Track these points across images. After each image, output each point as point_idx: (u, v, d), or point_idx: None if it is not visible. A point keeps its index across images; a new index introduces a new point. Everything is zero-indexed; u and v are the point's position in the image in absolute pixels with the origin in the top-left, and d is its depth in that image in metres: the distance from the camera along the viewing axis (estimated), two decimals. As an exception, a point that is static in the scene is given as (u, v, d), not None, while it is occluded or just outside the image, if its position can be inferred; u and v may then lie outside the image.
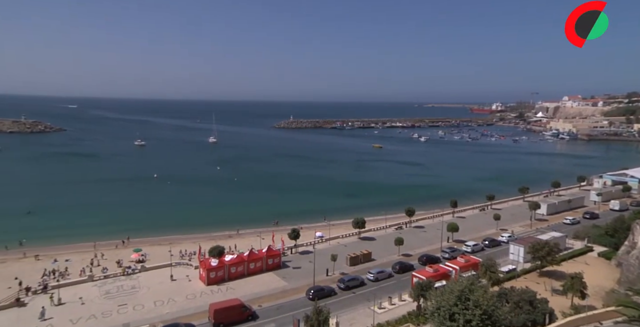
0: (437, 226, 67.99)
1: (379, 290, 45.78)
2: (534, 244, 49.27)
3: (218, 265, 48.96)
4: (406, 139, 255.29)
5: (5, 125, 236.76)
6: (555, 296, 42.47)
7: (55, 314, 40.48)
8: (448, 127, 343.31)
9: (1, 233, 65.21)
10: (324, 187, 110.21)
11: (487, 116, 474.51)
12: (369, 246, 60.14)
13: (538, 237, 55.97)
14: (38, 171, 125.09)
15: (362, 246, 60.42)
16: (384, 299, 43.08)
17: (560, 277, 46.63)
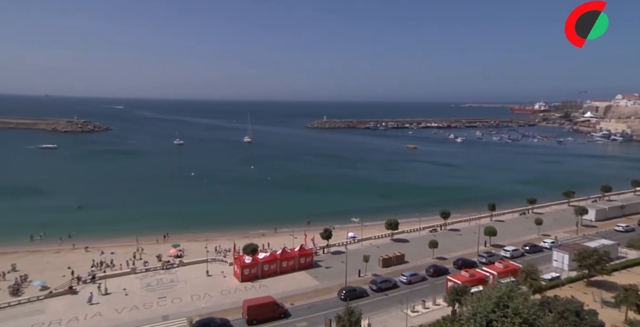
0: (473, 229, 65.69)
1: (412, 293, 44.87)
2: (580, 252, 46.38)
3: (252, 262, 49.89)
4: (442, 139, 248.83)
5: (60, 125, 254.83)
6: (605, 308, 39.78)
7: (102, 303, 42.88)
8: (486, 128, 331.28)
9: (56, 226, 69.84)
10: (357, 188, 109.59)
11: (528, 116, 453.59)
12: (402, 248, 59.11)
13: (585, 245, 52.70)
14: (87, 167, 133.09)
15: (395, 248, 59.49)
16: (418, 303, 42.17)
17: (612, 288, 43.62)
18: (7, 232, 67.29)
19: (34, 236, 65.91)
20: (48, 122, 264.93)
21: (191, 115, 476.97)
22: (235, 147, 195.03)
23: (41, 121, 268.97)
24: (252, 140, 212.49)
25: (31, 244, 63.77)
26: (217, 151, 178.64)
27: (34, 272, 51.91)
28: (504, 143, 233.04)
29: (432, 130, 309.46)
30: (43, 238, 65.66)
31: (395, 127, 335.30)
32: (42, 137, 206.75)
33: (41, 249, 61.92)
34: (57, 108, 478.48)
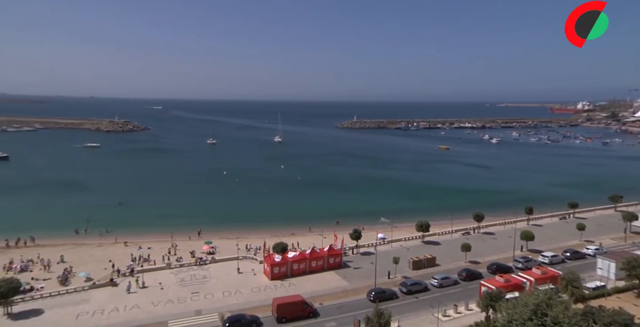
0: (508, 233, 63.31)
1: (444, 297, 43.84)
2: (629, 260, 43.53)
3: (281, 261, 50.50)
4: (476, 140, 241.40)
5: (103, 125, 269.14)
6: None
7: (139, 296, 44.84)
8: (524, 128, 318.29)
9: (99, 221, 73.66)
10: (387, 188, 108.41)
11: (570, 116, 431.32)
12: (433, 251, 57.89)
13: (635, 253, 49.48)
14: (126, 165, 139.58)
15: (426, 250, 58.35)
16: (449, 307, 41.16)
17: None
18: (56, 225, 71.64)
19: (78, 230, 69.79)
20: (92, 122, 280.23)
21: (224, 115, 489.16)
22: (266, 146, 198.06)
23: (86, 121, 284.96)
24: (282, 140, 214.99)
25: (77, 237, 67.58)
26: (248, 150, 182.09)
27: (79, 264, 55.04)
28: (543, 144, 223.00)
29: (465, 131, 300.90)
30: (87, 232, 69.39)
31: (427, 127, 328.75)
32: (87, 136, 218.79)
33: (85, 242, 65.56)
34: (101, 109, 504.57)
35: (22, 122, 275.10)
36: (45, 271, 52.45)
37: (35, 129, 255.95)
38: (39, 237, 65.27)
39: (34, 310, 41.52)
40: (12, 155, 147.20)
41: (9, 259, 55.96)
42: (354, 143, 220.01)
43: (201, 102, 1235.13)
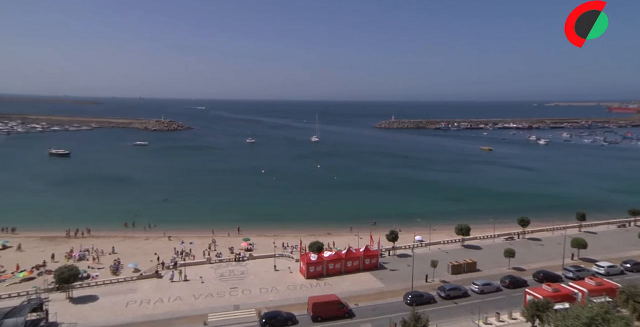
0: (557, 240, 59.70)
1: (485, 304, 42.13)
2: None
3: (317, 260, 50.79)
4: (521, 141, 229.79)
5: (150, 124, 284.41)
6: None
7: (182, 288, 46.85)
8: (576, 129, 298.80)
9: (146, 215, 77.80)
10: (425, 190, 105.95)
11: (632, 116, 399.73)
12: (474, 256, 55.80)
13: None
14: (171, 162, 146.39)
15: (466, 255, 56.36)
16: (491, 315, 39.48)
17: None
18: (109, 218, 76.59)
19: (128, 223, 74.11)
20: (141, 122, 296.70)
21: (263, 115, 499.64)
22: (303, 146, 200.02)
23: (135, 121, 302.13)
24: (319, 140, 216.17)
25: (126, 231, 71.81)
26: (286, 150, 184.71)
27: (128, 255, 58.51)
28: (599, 146, 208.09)
29: (510, 132, 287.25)
30: (135, 226, 73.47)
31: (469, 128, 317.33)
32: (136, 135, 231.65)
33: (134, 235, 69.50)
34: (149, 109, 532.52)
35: (81, 122, 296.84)
36: (96, 263, 56.08)
37: (92, 129, 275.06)
38: (94, 229, 70.06)
39: (90, 296, 44.67)
40: (73, 152, 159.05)
41: (70, 248, 60.60)
42: (391, 143, 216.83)
43: (241, 102, 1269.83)
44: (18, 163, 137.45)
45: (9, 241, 63.22)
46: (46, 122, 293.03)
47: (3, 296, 44.04)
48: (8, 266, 53.21)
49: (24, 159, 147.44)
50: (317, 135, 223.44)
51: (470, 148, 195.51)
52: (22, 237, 66.58)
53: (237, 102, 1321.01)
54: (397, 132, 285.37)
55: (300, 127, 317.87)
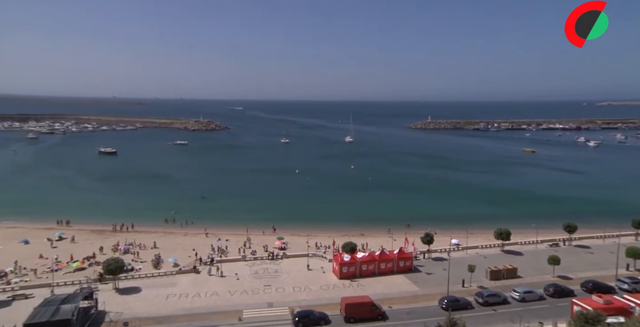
0: (609, 248, 56.06)
1: (526, 312, 40.31)
2: None
3: (350, 261, 50.68)
4: (568, 143, 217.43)
5: (190, 124, 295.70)
6: None
7: (218, 284, 48.32)
8: (632, 130, 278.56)
9: (184, 212, 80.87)
10: (463, 192, 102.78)
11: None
12: (514, 261, 53.51)
13: None
14: (209, 161, 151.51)
15: (506, 260, 54.16)
16: (533, 323, 37.70)
17: None
18: (150, 214, 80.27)
19: (168, 219, 77.37)
20: (181, 121, 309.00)
21: (297, 115, 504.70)
22: (337, 146, 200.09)
23: (176, 121, 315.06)
24: (353, 140, 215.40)
25: (166, 226, 75.00)
26: (320, 150, 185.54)
27: (168, 250, 61.12)
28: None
29: (555, 132, 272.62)
30: (174, 222, 76.52)
31: (510, 128, 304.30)
32: (177, 134, 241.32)
33: (173, 231, 72.48)
34: (188, 110, 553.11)
35: (127, 122, 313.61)
36: (136, 257, 58.91)
37: (136, 128, 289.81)
38: (137, 224, 73.77)
39: (134, 287, 47.13)
40: (119, 150, 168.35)
41: (116, 241, 64.22)
42: (427, 144, 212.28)
43: (277, 102, 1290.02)
44: (72, 160, 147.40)
45: (65, 233, 67.95)
46: (96, 122, 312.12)
47: (60, 283, 47.42)
48: (63, 256, 57.16)
49: (77, 156, 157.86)
50: (351, 135, 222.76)
51: (511, 149, 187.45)
52: (74, 229, 71.31)
53: (273, 102, 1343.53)
54: (433, 133, 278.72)
55: (334, 127, 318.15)
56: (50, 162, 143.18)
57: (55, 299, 39.19)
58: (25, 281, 49.37)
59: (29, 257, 57.00)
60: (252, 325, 38.92)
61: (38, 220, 75.84)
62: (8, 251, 59.78)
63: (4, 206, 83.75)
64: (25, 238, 65.27)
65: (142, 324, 38.37)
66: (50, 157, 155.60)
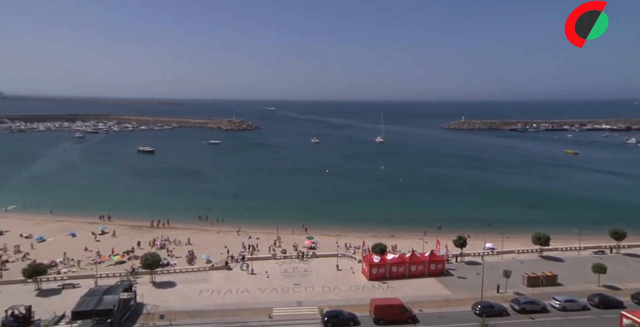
0: (661, 257, 52.17)
1: (568, 322, 38.37)
2: None
3: (380, 262, 50.16)
4: (616, 144, 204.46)
5: (223, 124, 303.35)
6: None
7: (249, 281, 49.22)
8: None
9: (217, 210, 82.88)
10: (498, 195, 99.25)
11: None
12: (554, 268, 51.00)
13: None
14: (241, 160, 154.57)
15: (545, 266, 51.72)
16: (573, 335, 35.81)
17: None
18: (184, 211, 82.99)
19: (201, 216, 79.66)
20: (215, 121, 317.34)
21: (328, 115, 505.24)
22: (367, 146, 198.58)
23: (210, 121, 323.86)
24: (384, 140, 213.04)
25: (199, 223, 77.26)
26: (350, 150, 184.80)
27: (201, 247, 62.94)
28: None
29: (601, 133, 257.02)
30: (207, 219, 78.60)
31: (550, 129, 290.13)
32: (210, 134, 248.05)
33: (206, 228, 74.55)
34: (222, 110, 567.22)
35: (164, 122, 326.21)
36: (170, 252, 61.03)
37: (173, 128, 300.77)
38: (172, 220, 76.50)
39: (169, 281, 48.95)
40: (157, 149, 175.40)
41: (154, 236, 66.95)
42: (461, 145, 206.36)
43: (308, 102, 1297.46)
44: (113, 158, 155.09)
45: (107, 228, 71.65)
46: (135, 121, 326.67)
47: (102, 275, 50.05)
48: (105, 249, 60.26)
49: (118, 154, 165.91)
50: (381, 135, 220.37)
51: (552, 151, 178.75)
52: (115, 224, 74.98)
53: (304, 102, 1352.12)
54: (467, 133, 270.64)
55: (364, 127, 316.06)
56: (94, 159, 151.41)
57: (98, 290, 41.43)
58: (72, 271, 52.63)
59: (76, 249, 60.55)
60: (282, 323, 39.35)
61: (83, 214, 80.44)
62: (58, 243, 63.86)
63: (56, 201, 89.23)
64: (73, 231, 69.47)
65: (176, 318, 39.75)
66: (94, 155, 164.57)
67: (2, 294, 44.91)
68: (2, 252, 59.13)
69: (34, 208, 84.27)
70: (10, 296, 43.89)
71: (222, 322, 39.07)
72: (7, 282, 48.10)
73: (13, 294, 44.76)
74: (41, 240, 65.10)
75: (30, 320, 38.57)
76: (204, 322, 39.12)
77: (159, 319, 39.35)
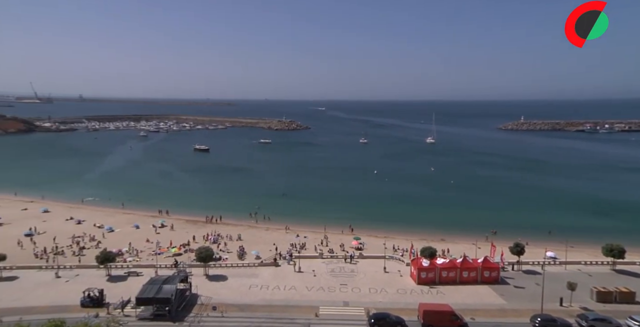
0: None
1: (643, 345, 34.49)
2: None
3: (429, 266, 48.58)
4: None
5: (273, 123, 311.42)
6: None
7: (296, 279, 49.94)
8: None
9: (267, 207, 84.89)
10: (561, 200, 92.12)
11: None
12: (630, 283, 46.14)
13: None
14: (290, 159, 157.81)
15: (618, 281, 46.98)
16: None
17: None
18: (236, 208, 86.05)
19: (251, 213, 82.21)
20: (265, 121, 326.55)
21: (377, 115, 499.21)
22: (417, 147, 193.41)
23: (261, 121, 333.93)
24: (435, 141, 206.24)
25: (249, 220, 79.77)
26: (399, 151, 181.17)
27: (251, 243, 65.02)
28: None
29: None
30: (256, 216, 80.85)
31: (626, 129, 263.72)
32: (261, 133, 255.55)
33: (256, 225, 76.84)
34: (272, 110, 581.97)
35: (218, 122, 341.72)
36: (223, 247, 63.48)
37: (226, 127, 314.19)
38: (225, 216, 79.75)
39: (221, 275, 51.06)
40: (211, 147, 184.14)
41: (207, 231, 70.32)
42: (519, 146, 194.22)
43: (358, 102, 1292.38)
44: (172, 156, 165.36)
45: (165, 221, 76.45)
46: (192, 121, 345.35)
47: (161, 265, 53.49)
48: (164, 241, 64.32)
49: (176, 152, 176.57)
50: (432, 136, 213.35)
51: (628, 154, 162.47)
52: (173, 218, 79.73)
53: (353, 102, 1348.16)
54: (527, 135, 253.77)
55: (415, 127, 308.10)
56: (155, 157, 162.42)
57: (158, 279, 44.26)
58: (136, 260, 56.80)
59: (139, 240, 65.33)
60: (328, 322, 39.44)
61: (145, 208, 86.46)
62: (124, 234, 69.31)
63: (123, 195, 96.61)
64: (137, 223, 75.02)
65: (227, 310, 41.36)
66: (155, 152, 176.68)
67: (80, 277, 49.75)
68: (80, 239, 65.35)
69: (105, 201, 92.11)
70: (87, 279, 48.54)
71: (270, 318, 39.99)
72: (84, 267, 53.26)
73: (88, 277, 49.41)
74: (110, 230, 70.99)
75: (103, 302, 42.23)
76: (252, 317, 40.26)
77: (211, 310, 41.19)
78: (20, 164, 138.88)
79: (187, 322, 39.49)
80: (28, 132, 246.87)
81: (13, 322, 29.23)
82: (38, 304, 42.49)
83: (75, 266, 53.36)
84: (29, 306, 41.77)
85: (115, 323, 29.57)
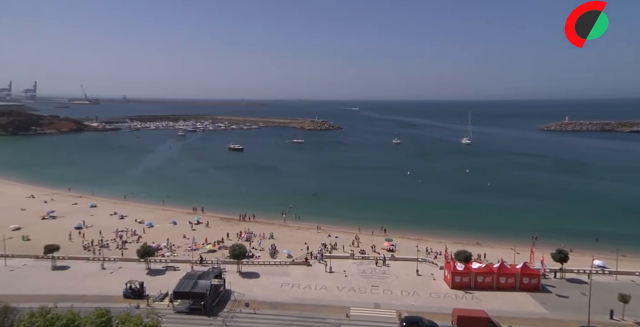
0: None
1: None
2: None
3: (464, 270, 47.22)
4: None
5: (305, 123, 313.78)
6: None
7: (327, 279, 50.06)
8: None
9: (299, 207, 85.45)
10: (610, 206, 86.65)
11: None
12: (688, 298, 42.59)
13: None
14: (322, 159, 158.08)
15: (675, 295, 43.48)
16: None
17: None
18: (269, 207, 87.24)
19: (284, 212, 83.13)
20: (298, 121, 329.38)
21: (410, 115, 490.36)
22: (451, 148, 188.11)
23: (293, 121, 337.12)
24: (471, 142, 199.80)
25: (281, 219, 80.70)
26: (432, 152, 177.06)
27: (283, 242, 65.74)
28: None
29: None
30: (286, 216, 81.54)
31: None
32: (294, 133, 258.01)
33: (288, 224, 77.62)
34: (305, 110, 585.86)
35: (252, 122, 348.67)
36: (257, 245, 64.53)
37: (259, 127, 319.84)
38: (257, 215, 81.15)
39: (254, 272, 52.10)
40: (245, 147, 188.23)
41: (240, 229, 71.93)
42: (564, 148, 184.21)
43: (390, 102, 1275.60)
44: (208, 155, 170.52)
45: (201, 218, 78.93)
46: (227, 121, 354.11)
47: (197, 260, 55.28)
48: (199, 238, 66.44)
49: (212, 151, 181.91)
50: (468, 136, 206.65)
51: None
52: (208, 216, 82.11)
53: (385, 102, 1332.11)
54: (573, 136, 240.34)
55: (450, 128, 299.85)
56: (192, 155, 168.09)
57: (194, 274, 45.82)
58: (174, 255, 59.10)
59: (176, 236, 67.82)
60: (359, 323, 39.24)
61: (182, 205, 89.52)
62: (162, 229, 72.22)
63: (162, 191, 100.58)
64: (174, 220, 77.89)
65: (260, 307, 42.12)
66: (192, 151, 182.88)
67: (122, 269, 52.46)
68: (123, 233, 68.86)
69: (145, 197, 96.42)
70: (128, 272, 51.10)
71: (302, 317, 40.32)
72: (126, 260, 56.09)
73: (130, 270, 51.98)
74: (150, 226, 74.17)
75: (143, 294, 44.30)
76: (284, 315, 40.79)
77: (244, 307, 42.11)
78: (73, 162, 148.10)
79: (221, 317, 40.58)
80: (78, 132, 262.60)
81: (65, 308, 31.38)
82: (86, 293, 45.28)
83: (118, 259, 56.32)
84: (79, 295, 44.62)
85: (155, 315, 30.89)
